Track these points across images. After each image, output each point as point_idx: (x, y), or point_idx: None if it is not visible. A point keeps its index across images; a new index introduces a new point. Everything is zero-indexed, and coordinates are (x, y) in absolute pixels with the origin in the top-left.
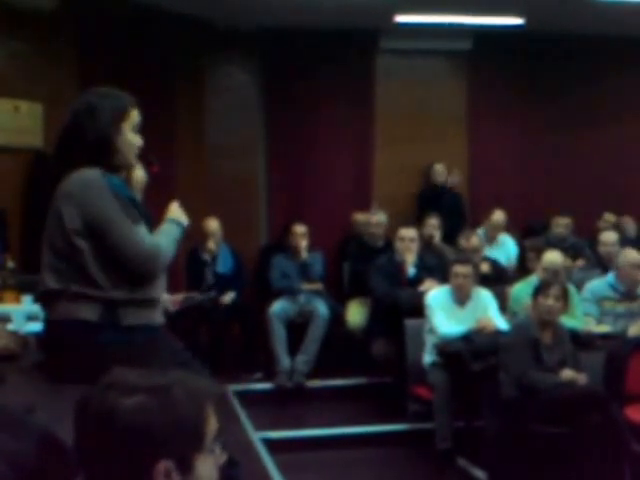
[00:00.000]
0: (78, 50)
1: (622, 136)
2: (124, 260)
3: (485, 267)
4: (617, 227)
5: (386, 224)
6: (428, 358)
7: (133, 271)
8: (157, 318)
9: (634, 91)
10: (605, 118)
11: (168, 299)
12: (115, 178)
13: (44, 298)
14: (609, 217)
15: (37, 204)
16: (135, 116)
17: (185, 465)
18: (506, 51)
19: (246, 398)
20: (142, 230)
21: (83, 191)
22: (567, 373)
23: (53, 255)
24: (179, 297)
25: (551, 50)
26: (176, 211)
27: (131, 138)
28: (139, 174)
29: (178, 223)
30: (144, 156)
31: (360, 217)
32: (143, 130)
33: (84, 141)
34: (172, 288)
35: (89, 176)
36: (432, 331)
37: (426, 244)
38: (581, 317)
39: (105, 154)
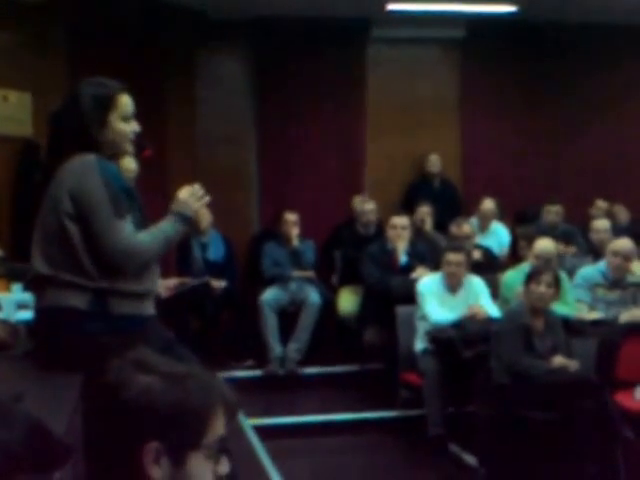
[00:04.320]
0: (67, 39)
1: (615, 124)
2: (102, 252)
3: (477, 254)
4: (609, 214)
5: (377, 212)
6: (420, 345)
7: (111, 264)
8: (148, 309)
9: (628, 79)
10: (599, 106)
11: (161, 285)
12: (112, 166)
13: (34, 283)
14: (601, 204)
15: (27, 193)
16: (124, 103)
17: (177, 456)
18: (499, 39)
19: (237, 385)
20: (124, 225)
21: (76, 174)
22: (558, 360)
23: (45, 241)
24: (172, 283)
25: (544, 38)
26: (183, 201)
27: (122, 127)
28: (130, 164)
29: (182, 216)
30: (136, 141)
31: (358, 201)
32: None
33: (68, 131)
34: (163, 276)
35: (84, 161)
36: (424, 318)
37: (417, 231)
38: (573, 304)
39: (90, 144)
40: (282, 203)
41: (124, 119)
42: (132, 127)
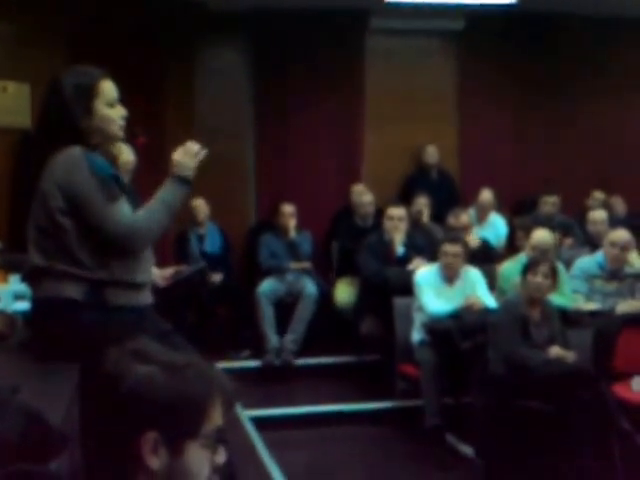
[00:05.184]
0: (66, 30)
1: (613, 116)
2: (103, 237)
3: (475, 242)
4: (606, 206)
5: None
6: (417, 336)
7: (113, 248)
8: (144, 300)
9: (627, 71)
10: (597, 99)
11: (157, 274)
12: (97, 156)
13: (30, 275)
14: (598, 195)
15: (24, 184)
16: (108, 89)
17: (175, 446)
18: (498, 31)
19: (234, 376)
20: (120, 207)
21: (63, 169)
22: (555, 350)
23: (38, 234)
24: (168, 272)
25: (543, 30)
26: (178, 163)
27: (108, 113)
28: (128, 156)
29: (180, 178)
30: (130, 129)
31: (356, 192)
32: (132, 111)
33: (54, 122)
34: (160, 268)
35: (70, 154)
36: (421, 309)
37: (415, 222)
38: (570, 295)
39: (77, 135)
40: (279, 195)
41: (109, 105)
42: (119, 112)
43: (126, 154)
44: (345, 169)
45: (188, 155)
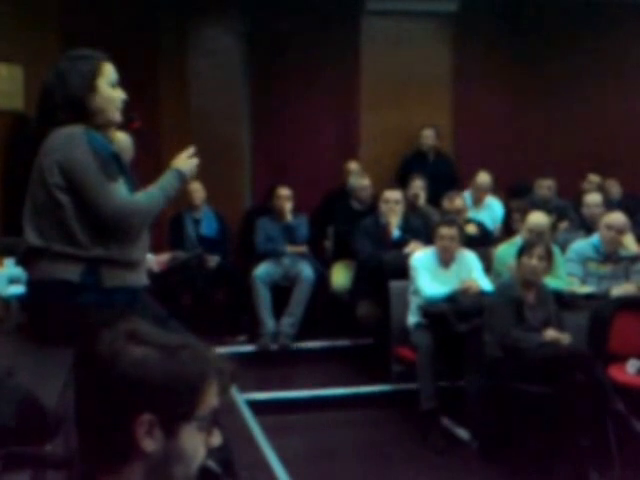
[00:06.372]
0: (59, 13)
1: (607, 99)
2: (99, 216)
3: (471, 228)
4: (601, 189)
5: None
6: (412, 319)
7: (108, 227)
8: (139, 280)
9: (625, 54)
10: (591, 81)
11: (153, 260)
12: (98, 135)
13: (26, 256)
14: (594, 178)
15: (18, 167)
16: (109, 71)
17: (169, 428)
18: (493, 13)
19: (230, 360)
20: (119, 187)
21: (63, 146)
22: (550, 333)
23: (35, 212)
24: (164, 257)
25: (538, 12)
26: (182, 161)
27: (110, 93)
28: (123, 139)
29: (179, 173)
30: (125, 113)
31: (353, 175)
32: (127, 93)
33: (57, 104)
34: (156, 252)
35: (70, 131)
36: (416, 293)
37: (411, 206)
38: (565, 278)
39: (80, 115)
40: (276, 178)
41: (111, 85)
42: (119, 94)
43: (123, 138)
44: (341, 152)
45: (187, 158)
